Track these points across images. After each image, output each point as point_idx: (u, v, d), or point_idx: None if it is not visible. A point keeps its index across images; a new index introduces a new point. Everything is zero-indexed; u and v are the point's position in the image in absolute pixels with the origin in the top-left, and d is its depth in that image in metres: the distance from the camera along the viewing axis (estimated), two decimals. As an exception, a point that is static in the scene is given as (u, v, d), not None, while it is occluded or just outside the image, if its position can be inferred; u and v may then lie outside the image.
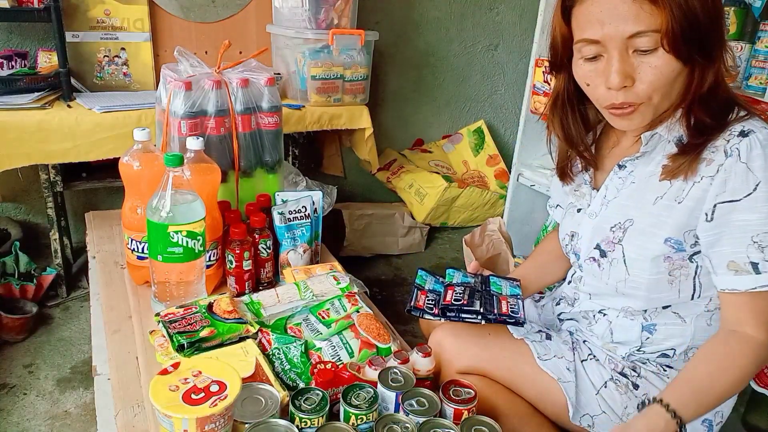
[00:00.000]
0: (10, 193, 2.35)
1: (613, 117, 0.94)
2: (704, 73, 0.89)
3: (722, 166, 0.88)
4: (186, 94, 1.33)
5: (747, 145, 0.86)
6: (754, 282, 0.86)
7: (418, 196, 2.73)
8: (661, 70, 0.86)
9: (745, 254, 0.87)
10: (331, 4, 2.16)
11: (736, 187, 0.87)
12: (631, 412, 1.00)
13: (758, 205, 0.86)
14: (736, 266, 0.88)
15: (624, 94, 0.88)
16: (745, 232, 0.87)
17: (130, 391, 1.03)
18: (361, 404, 0.87)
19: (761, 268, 0.86)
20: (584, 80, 0.94)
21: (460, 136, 3.06)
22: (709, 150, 0.90)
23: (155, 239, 1.14)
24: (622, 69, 0.86)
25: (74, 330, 2.03)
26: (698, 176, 0.91)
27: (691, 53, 0.85)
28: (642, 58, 0.86)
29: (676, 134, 0.94)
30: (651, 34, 0.84)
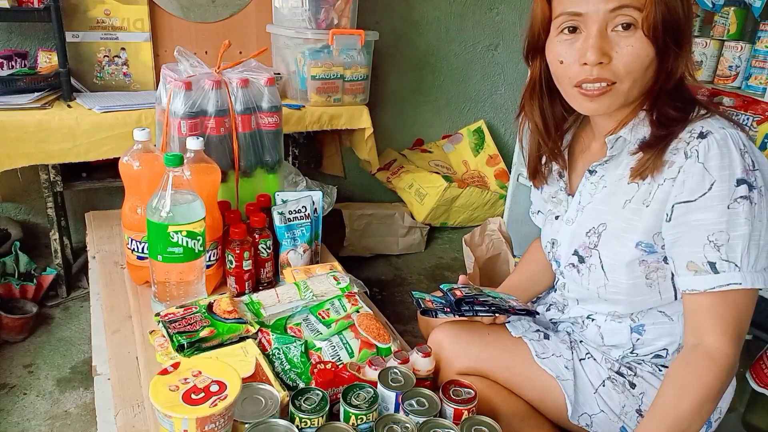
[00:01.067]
0: (10, 193, 2.34)
1: (582, 98, 0.93)
2: (675, 65, 0.90)
3: (682, 168, 0.88)
4: (186, 94, 1.33)
5: (705, 146, 0.87)
6: (713, 281, 0.86)
7: (418, 196, 2.73)
8: (637, 52, 0.87)
9: (702, 254, 0.86)
10: (331, 4, 2.16)
11: (692, 187, 0.87)
12: (628, 411, 1.00)
13: (713, 204, 0.86)
14: (695, 267, 0.87)
15: (598, 70, 0.88)
16: (701, 232, 0.86)
17: (130, 391, 1.03)
18: (361, 404, 0.87)
19: (719, 268, 0.85)
20: (558, 57, 0.93)
21: (460, 136, 3.06)
22: (671, 152, 0.91)
23: (155, 239, 1.14)
24: (599, 45, 0.87)
25: (74, 330, 2.03)
26: (662, 179, 0.91)
27: (666, 41, 0.87)
28: (620, 38, 0.87)
29: (639, 136, 0.95)
30: (632, 10, 0.85)
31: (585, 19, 0.88)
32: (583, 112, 0.97)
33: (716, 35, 2.17)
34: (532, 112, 1.06)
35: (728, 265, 0.85)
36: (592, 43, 0.87)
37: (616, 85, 0.90)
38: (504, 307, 1.04)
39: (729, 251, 0.85)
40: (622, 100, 0.92)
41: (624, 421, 1.00)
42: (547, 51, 0.96)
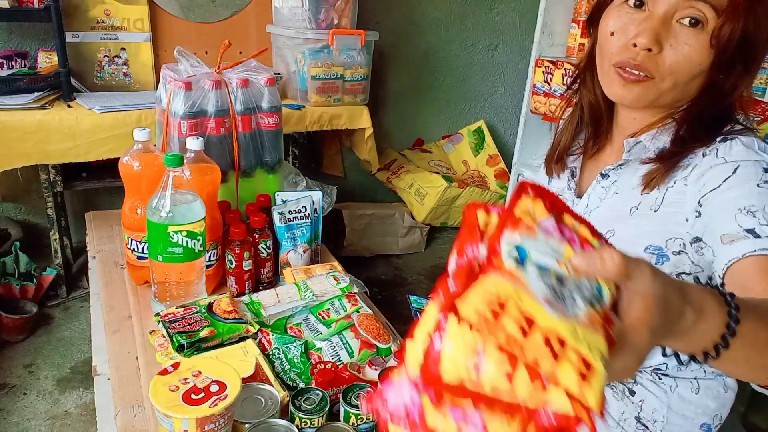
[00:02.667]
0: (10, 193, 2.35)
1: (616, 79, 0.85)
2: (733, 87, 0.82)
3: (697, 166, 0.83)
4: (186, 94, 1.33)
5: (727, 145, 0.81)
6: (753, 245, 0.73)
7: (418, 196, 2.73)
8: (691, 55, 0.79)
9: (735, 224, 0.75)
10: (331, 4, 2.16)
11: (714, 176, 0.80)
12: (627, 418, 0.99)
13: (739, 183, 0.78)
14: (730, 237, 0.75)
15: (644, 56, 0.81)
16: (730, 207, 0.77)
17: (130, 391, 1.03)
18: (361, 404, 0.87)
19: (759, 232, 0.73)
20: (610, 28, 0.85)
21: (460, 136, 3.06)
22: (689, 157, 0.85)
23: (155, 239, 1.14)
24: (657, 29, 0.79)
25: (74, 330, 2.03)
26: (671, 181, 0.86)
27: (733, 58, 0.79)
28: (682, 32, 0.79)
29: (659, 145, 0.89)
30: (708, 7, 0.77)
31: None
32: (611, 96, 0.89)
33: (716, 35, 2.17)
34: (593, 85, 0.96)
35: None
36: (650, 25, 0.80)
37: (655, 80, 0.82)
38: None
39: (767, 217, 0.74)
40: (654, 98, 0.84)
41: (623, 427, 0.99)
42: (602, 19, 0.88)
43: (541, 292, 0.42)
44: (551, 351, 0.39)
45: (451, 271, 0.44)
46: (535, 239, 0.45)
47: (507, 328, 0.39)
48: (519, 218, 0.45)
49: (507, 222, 0.45)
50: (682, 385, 0.99)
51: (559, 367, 0.38)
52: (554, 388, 0.38)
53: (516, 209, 0.46)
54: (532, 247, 0.44)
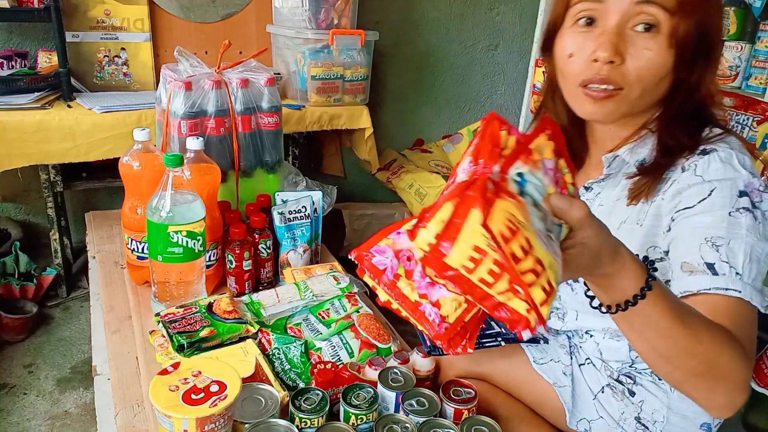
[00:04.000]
0: (10, 193, 2.35)
1: (584, 99, 0.84)
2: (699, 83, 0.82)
3: (676, 181, 0.83)
4: (186, 94, 1.33)
5: (705, 161, 0.81)
6: (710, 282, 0.73)
7: (418, 196, 2.73)
8: (654, 58, 0.79)
9: (698, 254, 0.76)
10: (331, 4, 2.16)
11: (690, 195, 0.80)
12: (627, 418, 0.99)
13: (712, 209, 0.78)
14: (690, 267, 0.76)
15: (608, 69, 0.80)
16: (697, 234, 0.77)
17: (130, 391, 1.03)
18: (361, 404, 0.87)
19: (718, 269, 0.74)
20: (567, 50, 0.85)
21: (460, 136, 3.06)
22: (670, 170, 0.85)
23: (155, 239, 1.14)
24: (614, 41, 0.79)
25: (74, 330, 2.03)
26: (655, 196, 0.86)
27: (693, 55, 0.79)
28: (639, 38, 0.79)
29: (638, 158, 0.89)
30: (659, 10, 0.77)
31: (605, 8, 0.80)
32: (582, 115, 0.88)
33: (716, 35, 2.17)
34: (556, 108, 0.97)
35: (729, 269, 0.74)
36: (607, 38, 0.79)
37: (624, 92, 0.82)
38: (510, 337, 1.02)
39: (729, 254, 0.75)
40: (626, 109, 0.84)
41: (623, 427, 0.99)
42: (557, 43, 0.88)
43: (539, 228, 0.53)
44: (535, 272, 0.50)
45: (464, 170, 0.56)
46: (535, 174, 0.56)
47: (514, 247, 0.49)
48: (531, 151, 0.56)
49: (521, 152, 0.55)
50: None
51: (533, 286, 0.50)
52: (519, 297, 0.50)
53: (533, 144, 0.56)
54: (531, 179, 0.56)
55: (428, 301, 0.55)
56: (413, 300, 0.55)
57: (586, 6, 0.82)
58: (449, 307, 0.54)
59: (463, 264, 0.49)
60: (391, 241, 0.55)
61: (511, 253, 0.49)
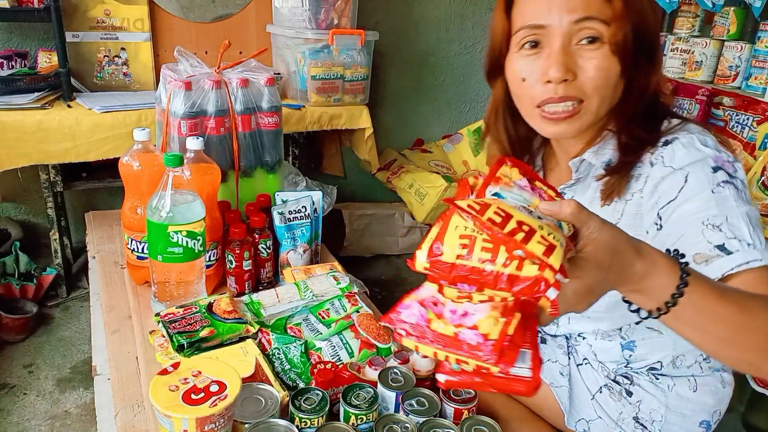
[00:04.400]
0: (10, 193, 2.35)
1: (545, 121, 0.86)
2: (647, 82, 0.86)
3: (649, 177, 0.84)
4: (186, 94, 1.33)
5: (670, 150, 0.83)
6: (729, 263, 0.74)
7: (418, 196, 2.73)
8: (603, 66, 0.82)
9: (704, 240, 0.76)
10: (331, 4, 2.16)
11: (667, 188, 0.82)
12: (625, 418, 0.99)
13: (695, 193, 0.79)
14: (704, 257, 0.76)
15: (564, 87, 0.82)
16: (694, 221, 0.78)
17: (130, 391, 1.03)
18: (361, 404, 0.87)
19: (729, 247, 0.74)
20: (519, 74, 0.87)
21: (460, 136, 3.06)
22: (636, 167, 0.87)
23: (155, 239, 1.14)
24: (563, 60, 0.81)
25: (74, 330, 2.03)
26: (629, 194, 0.87)
27: (636, 57, 0.83)
28: (584, 52, 0.82)
29: (604, 159, 0.91)
30: (598, 23, 0.80)
31: (547, 32, 0.82)
32: (546, 135, 0.91)
33: (716, 35, 2.18)
34: (498, 134, 1.01)
35: (738, 243, 0.74)
36: (555, 58, 0.81)
37: (584, 104, 0.84)
38: None
39: (733, 229, 0.75)
40: (592, 119, 0.86)
41: (621, 427, 1.00)
42: (507, 69, 0.90)
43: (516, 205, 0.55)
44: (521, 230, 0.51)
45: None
46: (511, 190, 0.59)
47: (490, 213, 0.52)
48: (499, 177, 0.60)
49: (490, 180, 0.59)
50: (679, 383, 0.99)
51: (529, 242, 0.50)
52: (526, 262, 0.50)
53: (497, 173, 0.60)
54: (508, 195, 0.58)
55: (464, 327, 0.55)
56: (451, 334, 0.55)
57: (529, 32, 0.84)
58: (487, 325, 0.54)
59: (458, 254, 0.51)
60: (413, 296, 0.57)
61: (489, 219, 0.51)
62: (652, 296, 0.62)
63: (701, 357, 0.99)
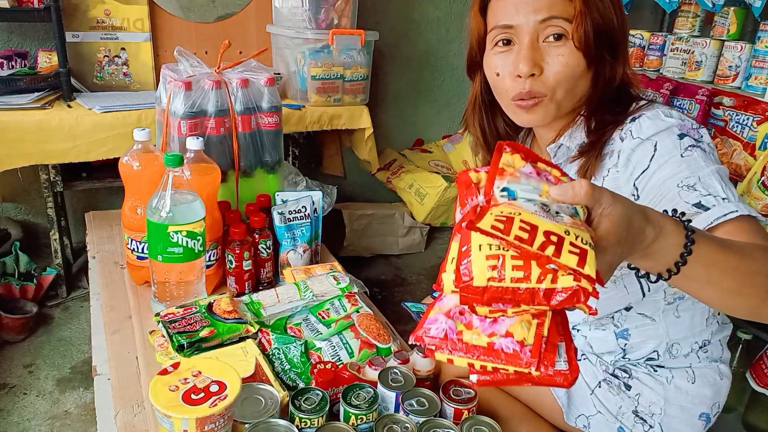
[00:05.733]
0: (10, 193, 2.35)
1: (518, 110, 0.94)
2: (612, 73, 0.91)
3: (621, 150, 0.89)
4: (186, 94, 1.33)
5: (637, 124, 0.88)
6: (707, 217, 0.76)
7: (418, 196, 2.73)
8: (567, 62, 0.88)
9: (681, 201, 0.79)
10: (331, 4, 2.16)
11: (639, 159, 0.86)
12: (625, 412, 1.00)
13: (666, 160, 0.83)
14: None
15: (531, 82, 0.89)
16: (669, 186, 0.82)
17: (130, 391, 1.03)
18: (361, 404, 0.87)
19: (706, 203, 0.77)
20: (494, 70, 0.94)
21: (460, 136, 3.06)
22: (608, 145, 0.92)
23: (155, 239, 1.14)
24: (531, 56, 0.88)
25: (74, 330, 2.03)
26: (605, 170, 0.92)
27: (600, 51, 0.88)
28: (551, 49, 0.88)
29: (577, 142, 0.96)
30: (562, 21, 0.86)
31: (517, 31, 0.89)
32: (521, 124, 0.98)
33: (716, 35, 2.18)
34: (474, 126, 1.08)
35: (714, 199, 0.77)
36: (523, 54, 0.88)
37: (547, 97, 0.90)
38: None
39: (707, 187, 0.79)
40: (554, 110, 0.92)
41: (621, 422, 1.00)
42: (485, 65, 0.97)
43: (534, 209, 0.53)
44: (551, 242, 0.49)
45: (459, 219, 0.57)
46: (519, 182, 0.56)
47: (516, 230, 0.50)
48: (503, 169, 0.57)
49: (494, 174, 0.57)
50: (678, 375, 0.99)
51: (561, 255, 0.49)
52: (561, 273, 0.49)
53: (500, 163, 0.57)
54: (518, 188, 0.56)
55: (498, 336, 0.53)
56: (485, 345, 0.53)
57: (500, 31, 0.91)
58: (521, 331, 0.53)
59: (489, 276, 0.50)
60: (437, 308, 0.56)
61: (516, 236, 0.50)
62: (662, 259, 0.62)
63: (696, 345, 1.00)
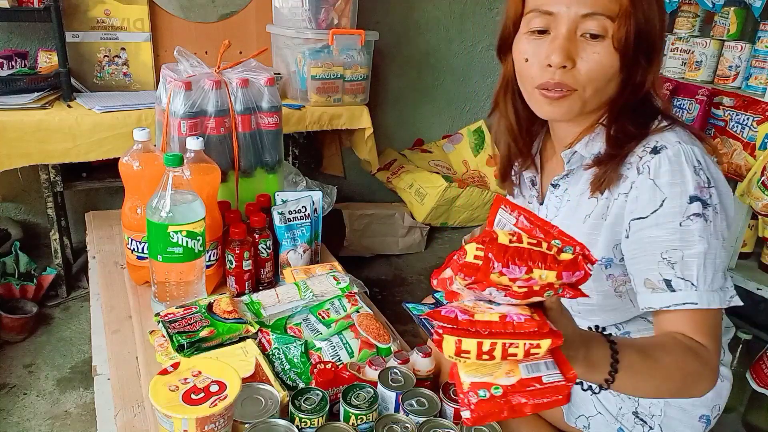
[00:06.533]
0: (10, 193, 2.35)
1: (542, 100, 0.90)
2: (643, 80, 0.88)
3: (634, 183, 0.87)
4: (186, 94, 1.33)
5: (656, 161, 0.85)
6: (669, 299, 0.82)
7: (418, 196, 2.73)
8: (602, 61, 0.85)
9: (657, 272, 0.84)
10: (331, 4, 2.16)
11: (644, 203, 0.85)
12: (625, 413, 1.00)
13: (665, 222, 0.83)
14: (652, 284, 0.85)
15: (561, 74, 0.86)
16: (654, 249, 0.84)
17: (130, 391, 1.03)
18: (361, 404, 0.87)
19: (674, 286, 0.82)
20: (524, 55, 0.90)
21: (460, 136, 3.06)
22: (625, 166, 0.89)
23: (155, 239, 1.14)
24: (566, 47, 0.84)
25: (74, 330, 2.03)
26: (617, 193, 0.90)
27: (636, 55, 0.85)
28: (587, 44, 0.85)
29: (593, 151, 0.93)
30: (604, 18, 0.83)
31: (555, 19, 0.85)
32: (541, 115, 0.94)
33: (716, 35, 2.17)
34: (506, 110, 1.04)
35: (684, 284, 0.82)
36: (558, 44, 0.85)
37: (577, 92, 0.87)
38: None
39: (684, 269, 0.82)
40: (579, 107, 0.89)
41: (621, 423, 1.00)
42: (514, 48, 0.93)
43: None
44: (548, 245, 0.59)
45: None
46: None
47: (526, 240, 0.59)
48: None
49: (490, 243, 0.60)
50: None
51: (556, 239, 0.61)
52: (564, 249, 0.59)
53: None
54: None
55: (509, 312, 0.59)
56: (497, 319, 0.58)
57: (538, 16, 0.88)
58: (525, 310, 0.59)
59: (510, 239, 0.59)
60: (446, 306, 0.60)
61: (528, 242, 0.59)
62: (596, 373, 0.70)
63: None
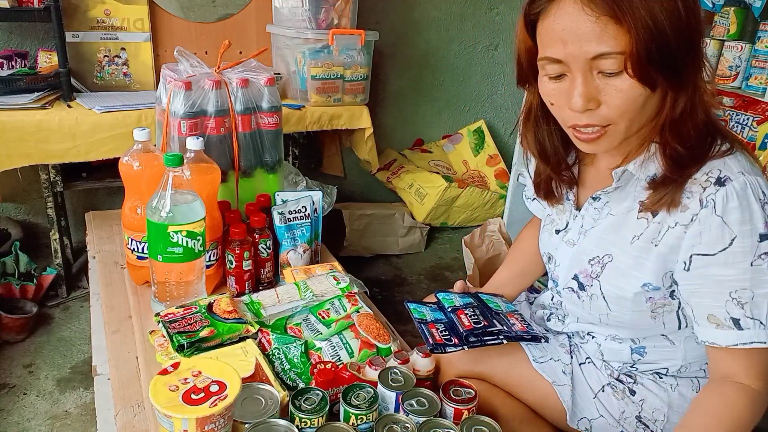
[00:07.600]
0: (10, 193, 2.34)
1: (578, 140, 0.87)
2: (676, 98, 0.82)
3: (697, 216, 0.84)
4: (186, 94, 1.33)
5: (723, 196, 0.81)
6: (736, 338, 0.83)
7: (418, 196, 2.73)
8: (627, 94, 0.79)
9: (724, 310, 0.83)
10: (331, 4, 2.16)
11: (711, 240, 0.83)
12: (628, 417, 1.00)
13: (735, 261, 0.82)
14: (717, 320, 0.84)
15: (588, 116, 0.82)
16: (722, 288, 0.83)
17: (130, 391, 1.03)
18: (361, 404, 0.87)
19: (743, 325, 0.82)
20: (549, 99, 0.88)
21: (460, 136, 3.06)
22: (685, 193, 0.85)
23: (155, 239, 1.14)
24: (585, 91, 0.80)
25: (74, 330, 2.03)
26: (673, 221, 0.87)
27: (659, 78, 0.78)
28: (607, 81, 0.80)
29: (649, 173, 0.89)
30: (615, 56, 0.77)
31: (567, 65, 0.81)
32: (585, 151, 0.92)
33: (716, 35, 2.18)
34: (528, 140, 1.01)
35: (753, 323, 0.82)
36: (578, 91, 0.81)
37: (611, 127, 0.83)
38: (512, 335, 1.03)
39: (754, 309, 0.82)
40: (619, 138, 0.85)
41: (623, 426, 1.00)
42: (540, 88, 0.90)
43: None
44: None
45: None
46: None
47: None
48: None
49: None
50: (682, 383, 0.99)
51: None
52: None
53: None
54: None
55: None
56: None
57: (549, 64, 0.84)
58: None
59: None
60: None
61: None
62: None
63: (705, 364, 0.99)
